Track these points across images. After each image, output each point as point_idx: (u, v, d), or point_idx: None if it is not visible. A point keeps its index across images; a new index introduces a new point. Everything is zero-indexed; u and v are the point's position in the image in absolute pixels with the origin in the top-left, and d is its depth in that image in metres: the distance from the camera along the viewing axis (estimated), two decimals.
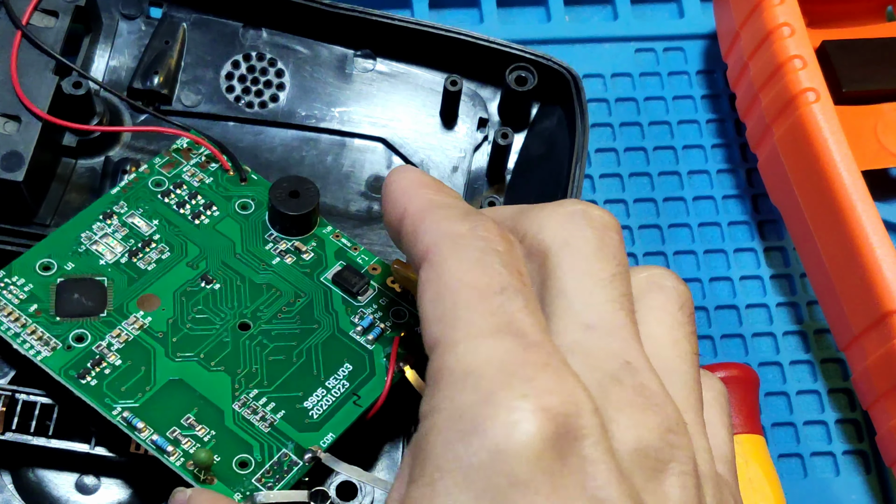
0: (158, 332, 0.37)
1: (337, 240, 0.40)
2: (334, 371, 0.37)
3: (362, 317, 0.38)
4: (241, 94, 0.46)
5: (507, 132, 0.45)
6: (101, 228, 0.40)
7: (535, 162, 0.46)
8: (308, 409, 0.36)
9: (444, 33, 0.46)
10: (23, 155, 0.41)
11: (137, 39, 0.47)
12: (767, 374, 0.52)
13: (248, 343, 0.38)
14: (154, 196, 0.41)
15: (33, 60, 0.42)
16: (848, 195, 0.47)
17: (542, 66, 0.46)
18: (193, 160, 0.42)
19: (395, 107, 0.47)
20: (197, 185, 0.41)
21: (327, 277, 0.39)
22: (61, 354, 0.36)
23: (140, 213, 0.40)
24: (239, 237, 0.40)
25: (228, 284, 0.39)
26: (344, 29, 0.47)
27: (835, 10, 0.56)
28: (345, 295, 0.39)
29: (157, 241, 0.39)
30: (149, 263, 0.39)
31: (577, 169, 0.43)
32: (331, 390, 0.37)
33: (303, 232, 0.40)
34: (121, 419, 0.35)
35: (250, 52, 0.47)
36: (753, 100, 0.52)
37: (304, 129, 0.46)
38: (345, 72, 0.47)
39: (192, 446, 0.35)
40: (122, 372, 0.36)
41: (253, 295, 0.39)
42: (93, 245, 0.39)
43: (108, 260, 0.39)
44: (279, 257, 0.40)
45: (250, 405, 0.36)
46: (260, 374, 0.37)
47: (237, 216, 0.41)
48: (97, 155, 0.45)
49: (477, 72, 0.47)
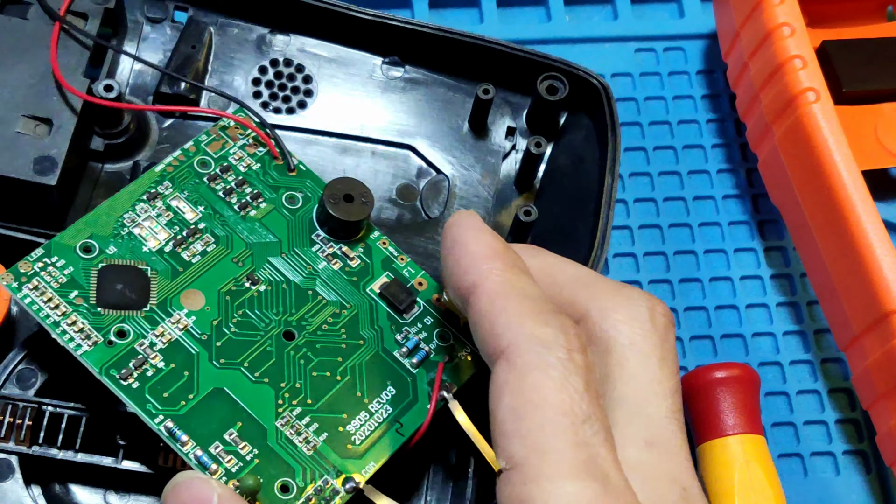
0: (202, 334, 0.36)
1: (384, 247, 0.40)
2: (378, 393, 0.36)
3: (407, 336, 0.38)
4: (268, 100, 0.46)
5: (541, 141, 0.45)
6: (145, 210, 0.38)
7: (564, 171, 0.46)
8: (351, 433, 0.35)
9: (474, 41, 0.46)
10: (55, 159, 0.40)
11: (162, 43, 0.46)
12: (767, 374, 0.52)
13: (292, 354, 0.37)
14: (200, 179, 0.39)
15: (63, 63, 0.41)
16: (848, 195, 0.47)
17: (571, 75, 0.46)
18: (241, 141, 0.40)
19: (423, 114, 0.47)
20: (244, 171, 0.40)
21: (374, 289, 0.39)
22: (102, 350, 0.35)
23: (185, 196, 0.39)
24: (286, 235, 0.39)
25: (274, 287, 0.38)
26: (372, 35, 0.46)
27: (835, 9, 0.56)
28: (391, 310, 0.38)
29: (202, 231, 0.38)
30: (193, 255, 0.38)
31: (610, 180, 0.43)
32: (373, 414, 0.36)
33: (351, 236, 0.39)
34: (163, 428, 0.34)
35: (277, 58, 0.46)
36: (753, 100, 0.52)
37: (332, 136, 0.46)
38: (373, 79, 0.47)
39: (235, 465, 0.34)
40: (164, 375, 0.35)
41: (298, 301, 0.38)
42: (135, 228, 0.38)
43: (152, 247, 0.37)
44: (326, 261, 0.39)
45: (294, 424, 0.35)
46: (304, 391, 0.36)
47: (284, 210, 0.39)
48: (124, 159, 0.44)
49: (505, 80, 0.46)
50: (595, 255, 0.42)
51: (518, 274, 0.31)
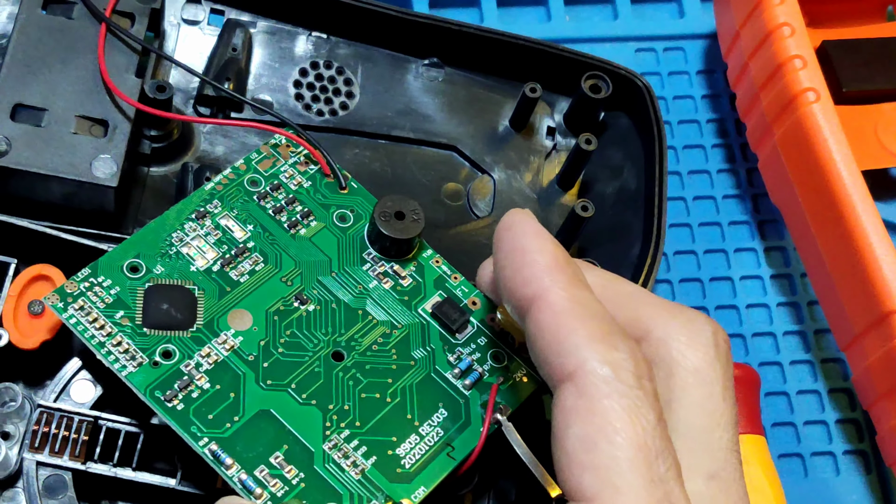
0: (249, 354, 0.35)
1: (437, 266, 0.39)
2: (429, 416, 0.35)
3: (460, 357, 0.37)
4: (310, 103, 0.45)
5: (591, 138, 0.45)
6: (194, 229, 0.37)
7: (606, 169, 0.46)
8: (400, 457, 0.34)
9: (516, 41, 0.45)
10: (114, 160, 0.39)
11: (199, 46, 0.45)
12: (767, 374, 0.52)
13: (341, 375, 0.35)
14: (250, 197, 0.38)
15: (112, 64, 0.40)
16: (848, 195, 0.47)
17: (613, 74, 0.46)
18: (292, 159, 0.39)
19: (463, 115, 0.46)
20: (294, 189, 0.39)
21: (426, 309, 0.38)
22: (147, 371, 0.34)
23: (234, 214, 0.38)
24: (336, 253, 0.38)
25: (323, 307, 0.37)
26: (411, 37, 0.46)
27: (835, 9, 0.56)
28: (443, 330, 0.37)
29: (251, 250, 0.37)
30: (241, 274, 0.36)
31: (661, 177, 0.43)
32: (424, 437, 0.35)
33: (403, 255, 0.38)
34: (207, 451, 0.33)
35: (317, 60, 0.45)
36: (754, 100, 0.52)
37: (375, 138, 0.45)
38: (413, 81, 0.46)
39: (281, 489, 0.33)
40: (209, 397, 0.34)
41: (348, 321, 0.37)
42: (183, 247, 0.36)
43: (199, 266, 0.36)
44: (377, 280, 0.38)
45: (341, 447, 0.34)
46: (352, 413, 0.35)
47: (335, 229, 0.38)
48: (169, 162, 0.43)
49: (543, 79, 0.46)
50: (651, 252, 0.42)
51: (583, 289, 0.30)
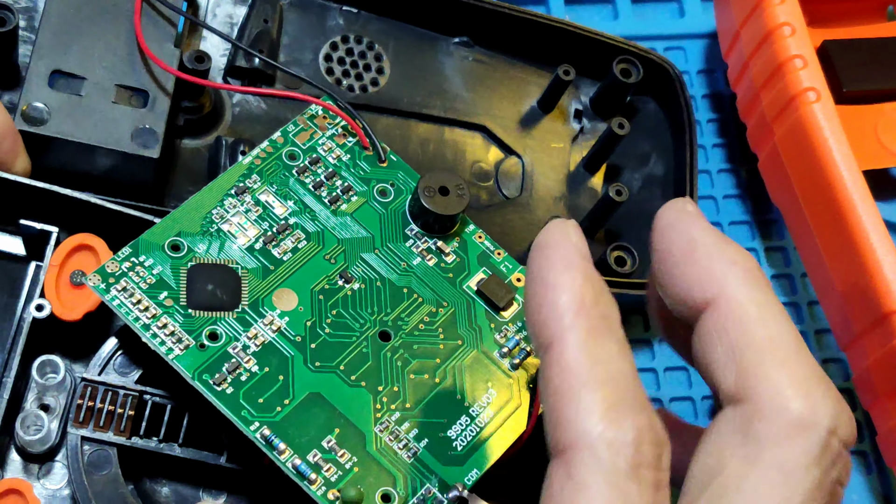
0: (296, 335, 0.34)
1: (480, 241, 0.38)
2: (478, 397, 0.35)
3: (507, 336, 0.36)
4: (340, 77, 0.44)
5: (623, 122, 0.44)
6: (234, 206, 0.36)
7: (634, 152, 0.47)
8: (452, 439, 0.34)
9: (549, 23, 0.46)
10: (156, 131, 0.38)
11: (228, 18, 0.44)
12: None
13: (389, 356, 0.35)
14: (289, 172, 0.37)
15: (150, 34, 0.39)
16: (848, 195, 0.46)
17: (643, 58, 0.46)
18: (329, 131, 0.38)
19: (493, 95, 0.46)
20: (334, 163, 0.38)
21: (470, 286, 0.37)
22: (194, 354, 0.33)
23: (274, 190, 0.36)
24: (378, 230, 0.37)
25: (368, 286, 0.36)
26: (443, 14, 0.45)
27: (835, 9, 0.56)
28: (489, 308, 0.36)
29: (292, 227, 0.36)
30: (284, 252, 0.35)
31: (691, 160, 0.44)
32: (475, 419, 0.34)
33: (446, 230, 0.37)
34: (259, 436, 0.32)
35: (348, 35, 0.45)
36: (754, 99, 0.52)
37: (405, 116, 0.45)
38: (443, 59, 0.46)
39: (335, 474, 0.32)
40: (259, 380, 0.33)
41: (394, 300, 0.36)
42: (224, 224, 0.35)
43: (242, 244, 0.35)
44: (420, 257, 0.37)
45: (392, 430, 0.33)
46: (402, 394, 0.34)
47: (376, 204, 0.37)
48: (201, 135, 0.42)
49: (573, 62, 0.46)
50: None
51: (604, 340, 0.27)
